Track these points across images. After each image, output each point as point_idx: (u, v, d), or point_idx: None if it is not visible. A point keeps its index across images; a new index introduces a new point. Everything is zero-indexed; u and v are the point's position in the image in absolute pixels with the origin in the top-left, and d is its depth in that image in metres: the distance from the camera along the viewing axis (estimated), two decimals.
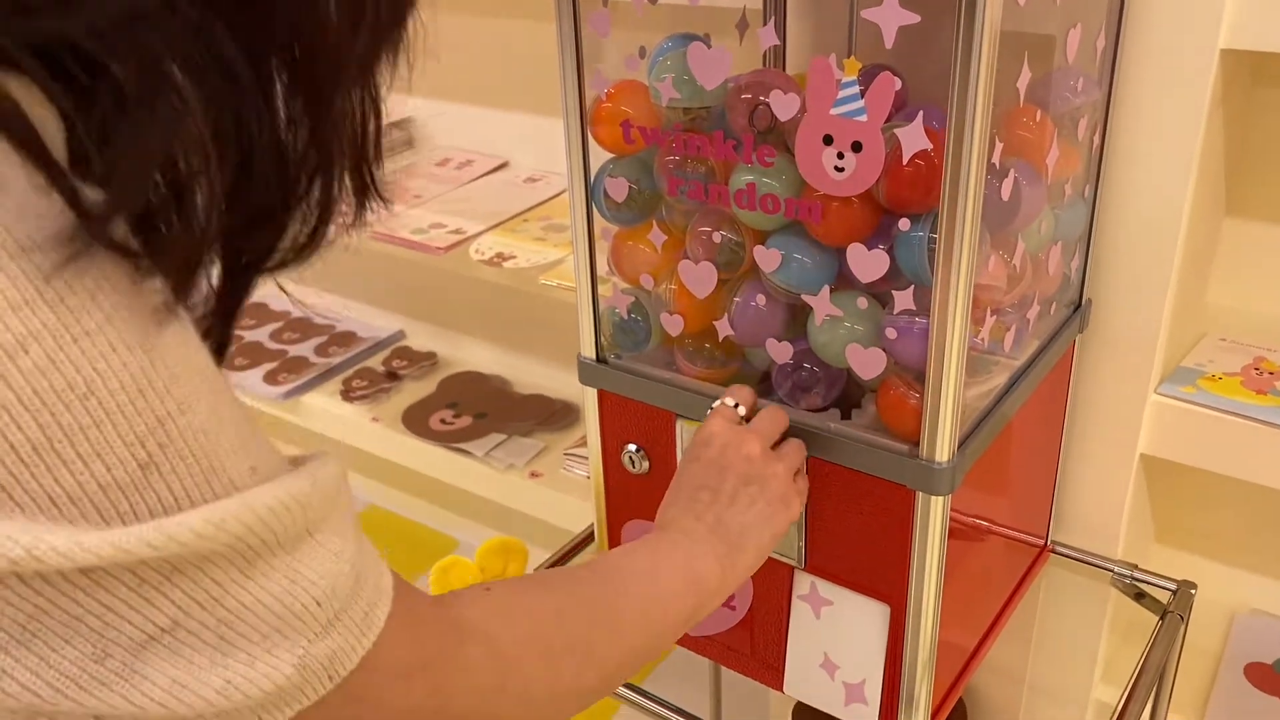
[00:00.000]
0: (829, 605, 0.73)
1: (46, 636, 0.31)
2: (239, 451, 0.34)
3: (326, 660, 0.36)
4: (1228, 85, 0.78)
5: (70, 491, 0.30)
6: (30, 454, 0.29)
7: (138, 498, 0.31)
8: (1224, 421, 0.82)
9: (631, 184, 0.71)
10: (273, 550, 0.34)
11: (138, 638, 0.32)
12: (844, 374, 0.69)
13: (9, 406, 0.29)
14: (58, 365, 0.29)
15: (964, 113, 0.54)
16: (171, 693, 0.33)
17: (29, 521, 0.29)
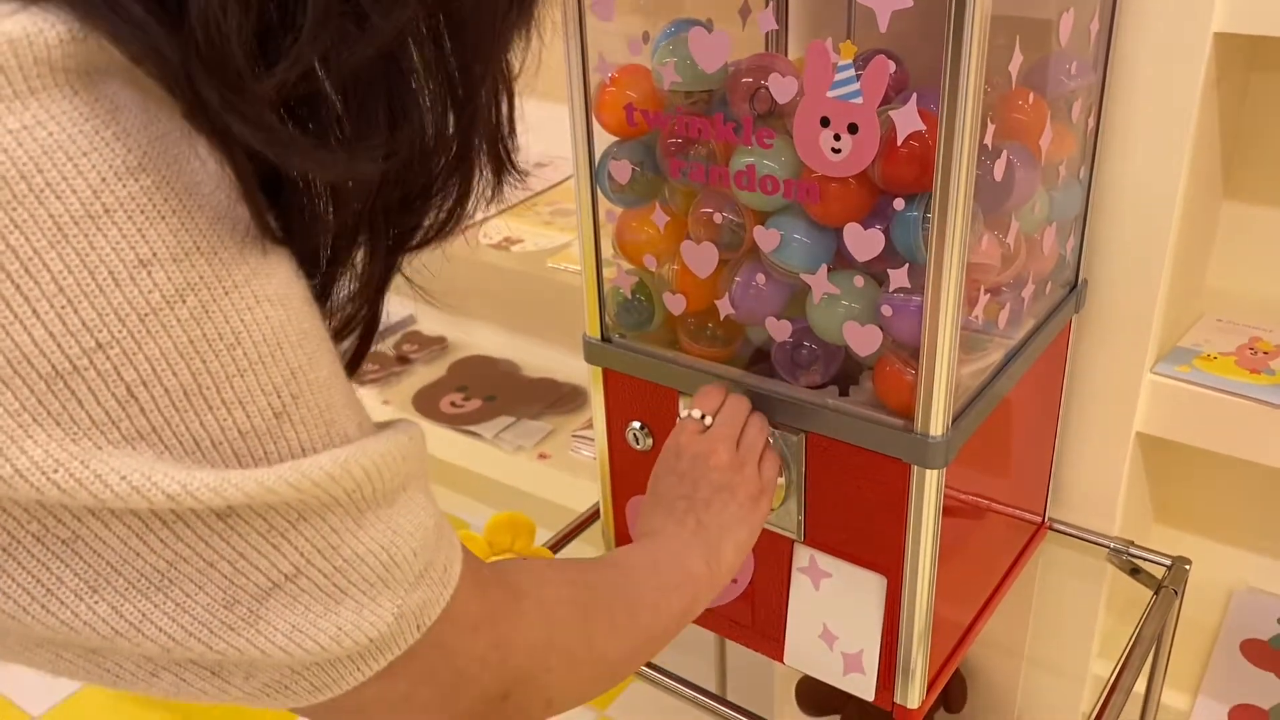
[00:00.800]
0: (828, 577, 0.75)
1: (183, 583, 0.32)
2: (349, 407, 0.36)
3: (418, 610, 0.38)
4: (1223, 69, 0.80)
5: (214, 436, 0.31)
6: (182, 399, 0.30)
7: (271, 444, 0.33)
8: (1219, 400, 0.83)
9: (635, 166, 0.73)
10: (379, 501, 0.36)
11: (264, 584, 0.33)
12: (842, 351, 0.70)
13: (167, 354, 0.30)
14: (210, 315, 0.31)
15: (956, 95, 0.56)
16: (291, 638, 0.34)
17: (176, 463, 0.30)
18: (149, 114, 0.30)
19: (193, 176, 0.31)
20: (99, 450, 0.29)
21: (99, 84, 0.29)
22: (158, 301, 0.29)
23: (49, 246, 0.28)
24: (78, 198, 0.28)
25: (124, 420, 0.29)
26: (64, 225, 0.28)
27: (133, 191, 0.29)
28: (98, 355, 0.29)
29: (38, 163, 0.27)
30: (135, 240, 0.29)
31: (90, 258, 0.28)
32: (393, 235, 0.41)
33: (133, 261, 0.29)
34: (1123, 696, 0.79)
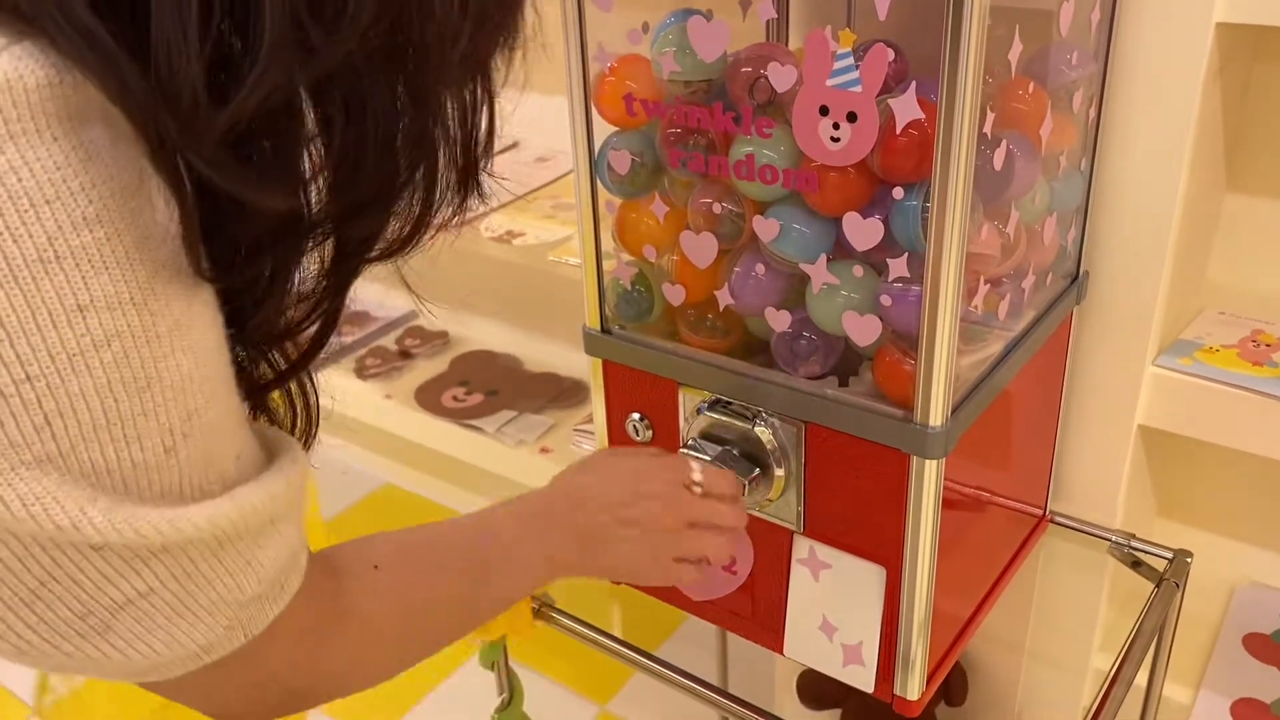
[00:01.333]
0: (827, 568, 0.75)
1: (49, 599, 0.35)
2: (231, 440, 0.39)
3: (248, 621, 0.41)
4: (1225, 59, 0.79)
5: (109, 465, 0.34)
6: (90, 431, 0.33)
7: (156, 476, 0.35)
8: (1221, 393, 0.83)
9: (635, 157, 0.73)
10: (243, 538, 0.39)
11: (118, 600, 0.36)
12: (842, 342, 0.70)
13: (85, 390, 0.32)
14: (129, 361, 0.33)
15: (954, 84, 0.56)
16: (130, 645, 0.37)
17: (74, 486, 0.33)
18: (118, 162, 0.32)
19: (144, 229, 0.33)
20: (10, 470, 0.32)
21: (77, 130, 0.31)
22: (87, 345, 0.32)
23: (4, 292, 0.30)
24: (33, 243, 0.30)
25: (36, 444, 0.32)
26: (15, 267, 0.30)
27: (85, 242, 0.31)
28: (24, 386, 0.31)
29: (2, 206, 0.29)
30: (78, 287, 0.31)
31: (34, 299, 0.31)
32: (350, 245, 0.42)
33: (71, 306, 0.31)
34: (1124, 690, 0.79)
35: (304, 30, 0.34)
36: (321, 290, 0.43)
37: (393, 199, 0.41)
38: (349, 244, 0.42)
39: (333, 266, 0.42)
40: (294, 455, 0.42)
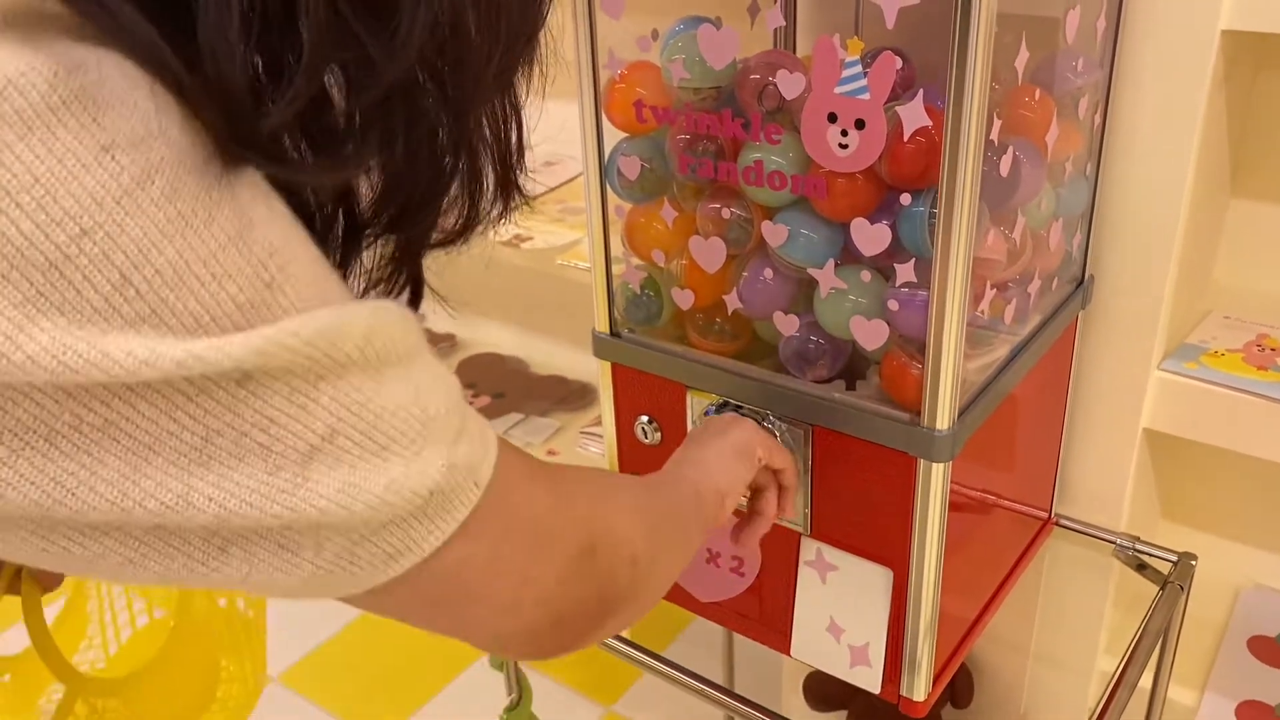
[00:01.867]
0: (834, 570, 0.76)
1: (221, 456, 0.33)
2: (332, 285, 0.37)
3: (468, 465, 0.39)
4: (1230, 67, 0.80)
5: (211, 311, 0.32)
6: (173, 277, 0.31)
7: (268, 313, 0.34)
8: (1226, 397, 0.84)
9: (644, 163, 0.74)
10: (393, 360, 0.37)
11: (302, 448, 0.34)
12: (849, 346, 0.71)
13: (149, 233, 0.31)
14: (180, 193, 0.32)
15: (961, 91, 0.56)
16: (344, 493, 0.35)
17: (180, 340, 0.32)
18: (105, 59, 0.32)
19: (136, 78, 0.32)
20: (104, 335, 0.31)
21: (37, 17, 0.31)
22: (127, 184, 0.31)
23: (16, 140, 0.29)
24: (36, 92, 0.29)
25: (123, 304, 0.31)
26: (27, 118, 0.29)
27: (82, 84, 0.30)
28: (84, 241, 0.30)
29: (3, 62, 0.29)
30: (92, 128, 0.30)
31: (55, 146, 0.30)
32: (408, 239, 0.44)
33: (94, 148, 0.30)
34: (1128, 692, 0.79)
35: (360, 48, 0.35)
36: (388, 277, 0.44)
37: (440, 198, 0.42)
38: (408, 238, 0.43)
39: (394, 256, 0.44)
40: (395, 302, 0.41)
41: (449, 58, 0.39)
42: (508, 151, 0.45)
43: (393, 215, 0.42)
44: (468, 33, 0.39)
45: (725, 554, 0.82)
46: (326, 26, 0.34)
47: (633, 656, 0.88)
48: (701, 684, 0.85)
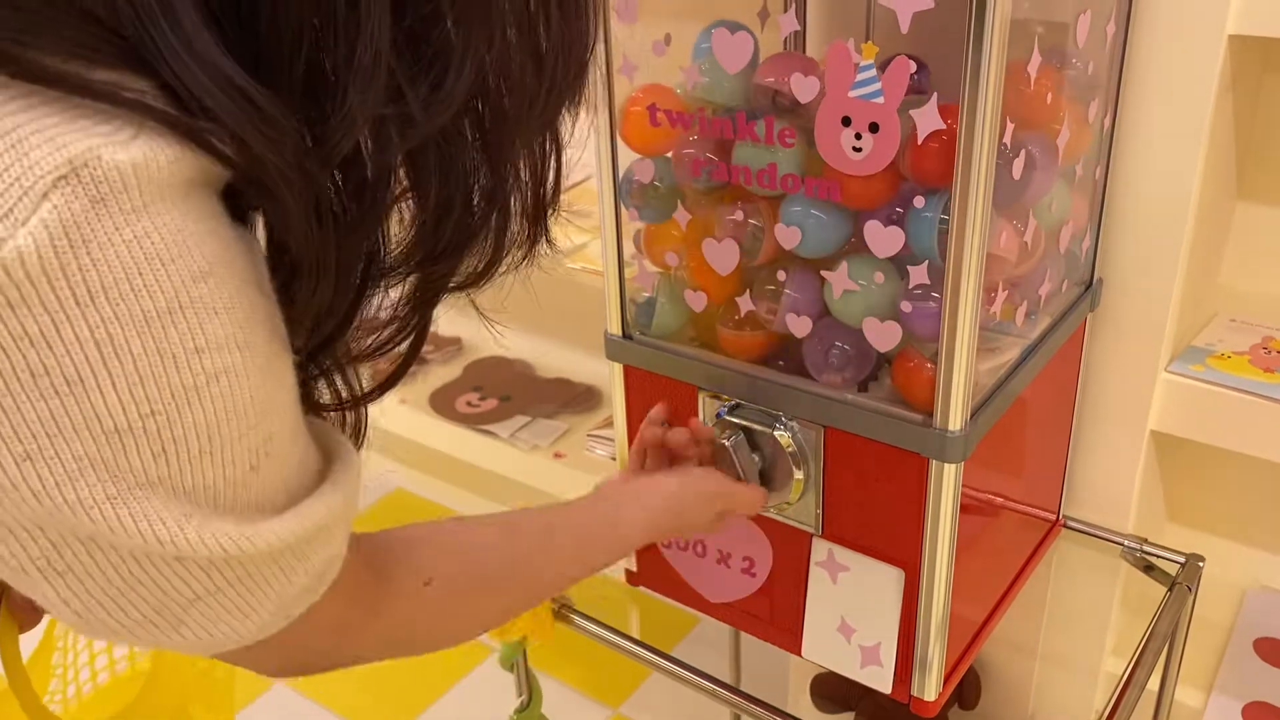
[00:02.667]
0: (845, 571, 0.76)
1: (132, 598, 0.39)
2: (295, 450, 0.42)
3: (291, 607, 0.43)
4: (1237, 71, 0.81)
5: (208, 483, 0.37)
6: (197, 455, 0.37)
7: (241, 493, 0.39)
8: (1233, 399, 0.84)
9: (656, 182, 0.75)
10: (301, 546, 0.42)
11: (189, 598, 0.40)
12: (873, 351, 0.71)
13: (198, 422, 0.36)
14: (234, 391, 0.37)
15: (975, 97, 0.57)
16: (196, 633, 0.41)
17: (174, 504, 0.37)
18: (214, 215, 0.36)
19: (242, 274, 0.37)
20: (127, 491, 0.36)
21: (191, 194, 0.35)
22: (201, 382, 0.36)
23: (135, 335, 0.34)
24: (164, 296, 0.34)
25: (152, 469, 0.36)
26: (150, 318, 0.34)
27: (201, 292, 0.35)
28: (149, 420, 0.35)
29: (139, 266, 0.33)
30: (196, 332, 0.35)
31: (162, 345, 0.34)
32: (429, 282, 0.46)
33: (190, 349, 0.35)
34: (1136, 693, 0.80)
35: (402, 103, 0.38)
36: (403, 318, 0.46)
37: (468, 246, 0.44)
38: (427, 280, 0.45)
39: (412, 297, 0.46)
40: (347, 461, 0.45)
41: (492, 108, 0.41)
42: (542, 193, 0.46)
43: (420, 260, 0.44)
44: (513, 84, 0.41)
45: (736, 555, 0.83)
46: (371, 79, 0.37)
47: (641, 656, 0.88)
48: (710, 683, 0.85)
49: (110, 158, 0.32)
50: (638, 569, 0.91)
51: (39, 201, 0.31)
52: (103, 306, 0.33)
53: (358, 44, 0.36)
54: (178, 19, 0.33)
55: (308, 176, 0.37)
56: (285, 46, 0.36)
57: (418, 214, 0.42)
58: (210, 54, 0.34)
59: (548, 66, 0.42)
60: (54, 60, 0.32)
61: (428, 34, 0.38)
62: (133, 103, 0.33)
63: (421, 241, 0.43)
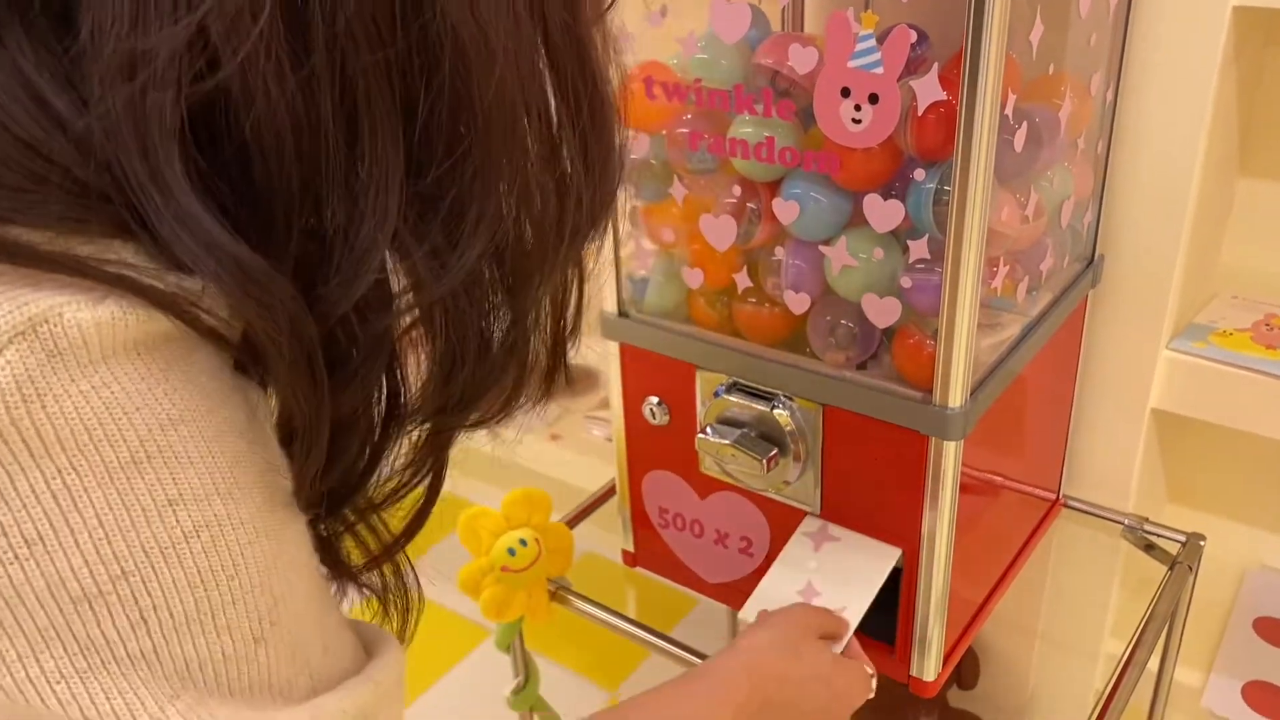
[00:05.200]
0: (835, 541, 0.75)
1: None
2: (316, 629, 0.38)
3: None
4: (1240, 45, 0.79)
5: (201, 658, 0.33)
6: (183, 623, 0.33)
7: (245, 668, 0.35)
8: (1235, 376, 0.83)
9: (652, 160, 0.74)
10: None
11: None
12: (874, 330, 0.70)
13: (178, 582, 0.33)
14: (218, 548, 0.34)
15: (977, 67, 0.56)
16: None
17: (157, 683, 0.33)
18: (191, 364, 0.34)
19: (221, 423, 0.34)
20: (100, 667, 0.32)
21: (163, 346, 0.33)
22: (178, 537, 0.33)
23: (96, 486, 0.31)
24: (126, 446, 0.31)
25: (130, 640, 0.32)
26: (112, 469, 0.31)
27: (171, 440, 0.32)
28: (120, 582, 0.32)
29: (99, 416, 0.31)
30: (167, 483, 0.32)
31: (129, 497, 0.32)
32: (444, 427, 0.43)
33: (162, 501, 0.32)
34: (1136, 673, 0.79)
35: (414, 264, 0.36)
36: (415, 464, 0.44)
37: (484, 394, 0.42)
38: (443, 425, 0.43)
39: (428, 440, 0.43)
40: (388, 659, 0.41)
41: (514, 251, 0.39)
42: (563, 325, 0.44)
43: (435, 410, 0.41)
44: (537, 224, 0.39)
45: (734, 535, 0.82)
46: (374, 247, 0.35)
47: (639, 637, 0.87)
48: None
49: (72, 315, 0.30)
50: (635, 550, 0.90)
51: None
52: (59, 458, 0.30)
53: (362, 214, 0.34)
54: (168, 186, 0.32)
55: (300, 340, 0.35)
56: (280, 208, 0.34)
57: (430, 366, 0.40)
58: (201, 220, 0.32)
59: (572, 203, 0.40)
60: (39, 235, 0.31)
61: (443, 193, 0.36)
62: (113, 276, 0.32)
63: (435, 393, 0.40)
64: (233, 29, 0.31)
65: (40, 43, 0.32)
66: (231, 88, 0.32)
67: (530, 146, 0.38)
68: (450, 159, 0.36)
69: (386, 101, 0.34)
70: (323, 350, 0.36)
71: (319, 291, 0.35)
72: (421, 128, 0.35)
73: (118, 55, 0.31)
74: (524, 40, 0.36)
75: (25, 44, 0.31)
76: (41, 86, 0.31)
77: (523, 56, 0.36)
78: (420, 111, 0.35)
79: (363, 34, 0.32)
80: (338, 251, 0.35)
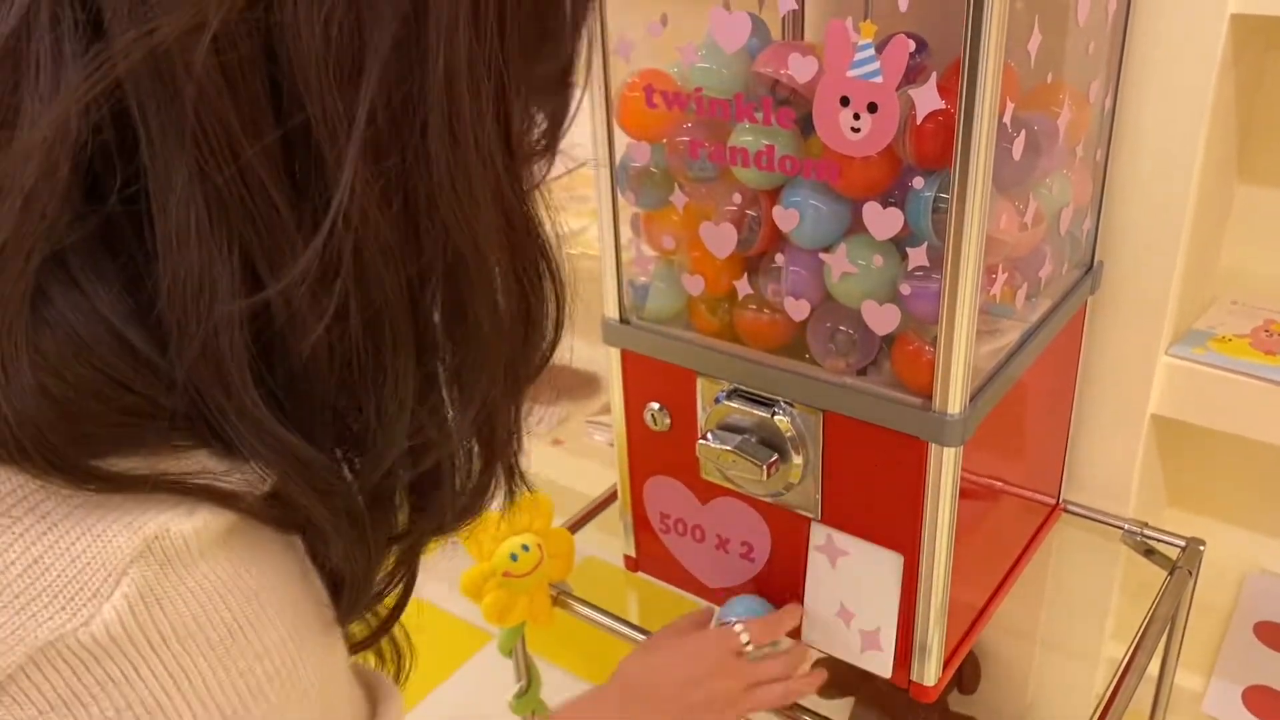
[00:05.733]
0: (845, 556, 0.76)
1: None
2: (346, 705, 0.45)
3: None
4: (1239, 51, 0.80)
5: None
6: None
7: None
8: (1233, 382, 0.84)
9: (653, 168, 0.74)
10: None
11: None
12: (876, 338, 0.70)
13: (266, 715, 0.39)
14: (294, 681, 0.40)
15: (975, 76, 0.56)
16: None
17: None
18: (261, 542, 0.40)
19: (286, 583, 0.41)
20: None
21: (236, 533, 0.39)
22: (264, 683, 0.39)
23: (202, 658, 0.37)
24: (223, 623, 0.37)
25: None
26: (214, 643, 0.37)
27: (255, 608, 0.39)
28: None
29: (201, 604, 0.37)
30: (255, 642, 0.38)
31: (227, 661, 0.38)
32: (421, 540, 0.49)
33: (251, 657, 0.38)
34: (1136, 677, 0.80)
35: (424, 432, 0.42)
36: (396, 565, 0.49)
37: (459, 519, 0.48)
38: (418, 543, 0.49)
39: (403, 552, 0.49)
40: (389, 700, 0.48)
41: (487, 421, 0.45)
42: (516, 449, 0.49)
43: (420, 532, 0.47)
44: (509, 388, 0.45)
45: (735, 540, 0.82)
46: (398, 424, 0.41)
47: (640, 641, 0.88)
48: None
49: (177, 529, 0.36)
50: (636, 555, 0.91)
51: (120, 578, 0.35)
52: (173, 644, 0.36)
53: (385, 403, 0.40)
54: (245, 408, 0.37)
55: (349, 510, 0.42)
56: (321, 405, 0.40)
57: (414, 504, 0.45)
58: (273, 429, 0.38)
59: (534, 353, 0.46)
60: (136, 462, 0.36)
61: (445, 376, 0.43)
62: (201, 489, 0.37)
63: (421, 524, 0.46)
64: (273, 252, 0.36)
65: (114, 287, 0.36)
66: (279, 320, 0.38)
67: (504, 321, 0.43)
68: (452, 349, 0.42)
69: (402, 315, 0.40)
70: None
71: (356, 467, 0.42)
72: (424, 327, 0.41)
73: (191, 304, 0.36)
74: (506, 246, 0.42)
75: (100, 289, 0.36)
76: (123, 329, 0.36)
77: (503, 259, 0.42)
78: (422, 313, 0.41)
79: (384, 259, 0.38)
80: (370, 435, 0.41)
